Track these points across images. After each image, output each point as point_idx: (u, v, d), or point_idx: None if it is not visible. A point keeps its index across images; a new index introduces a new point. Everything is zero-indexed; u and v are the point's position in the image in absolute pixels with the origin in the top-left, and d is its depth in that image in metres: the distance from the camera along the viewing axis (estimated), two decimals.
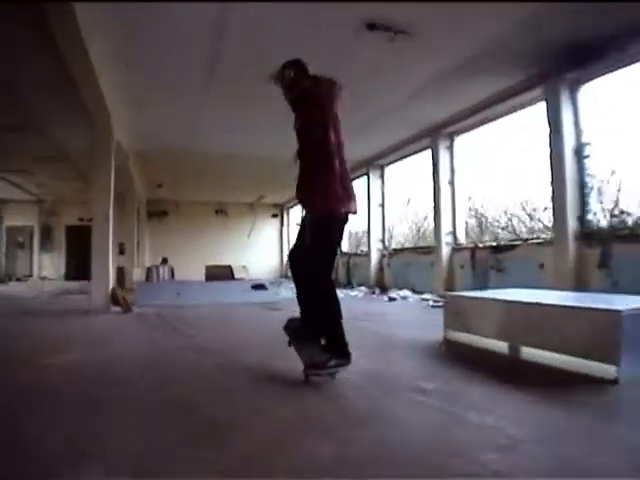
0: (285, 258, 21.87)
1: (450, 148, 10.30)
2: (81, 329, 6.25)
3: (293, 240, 3.73)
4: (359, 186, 13.58)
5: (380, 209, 13.14)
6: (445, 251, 10.02)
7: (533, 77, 7.48)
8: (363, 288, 12.59)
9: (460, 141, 10.24)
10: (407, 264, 11.66)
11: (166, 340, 5.25)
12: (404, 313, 7.83)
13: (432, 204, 10.48)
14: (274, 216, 22.72)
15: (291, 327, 3.48)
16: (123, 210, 14.39)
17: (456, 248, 10.00)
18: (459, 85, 8.11)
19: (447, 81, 7.86)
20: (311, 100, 3.34)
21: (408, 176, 12.79)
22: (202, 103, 8.91)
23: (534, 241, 8.38)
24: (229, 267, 13.21)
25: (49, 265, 20.08)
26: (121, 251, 13.88)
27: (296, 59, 3.54)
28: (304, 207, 3.39)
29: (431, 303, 8.88)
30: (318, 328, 3.34)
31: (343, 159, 3.34)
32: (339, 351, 3.28)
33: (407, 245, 13.08)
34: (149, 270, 13.58)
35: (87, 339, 5.44)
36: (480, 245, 9.48)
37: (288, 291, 10.63)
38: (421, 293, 10.25)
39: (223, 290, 10.06)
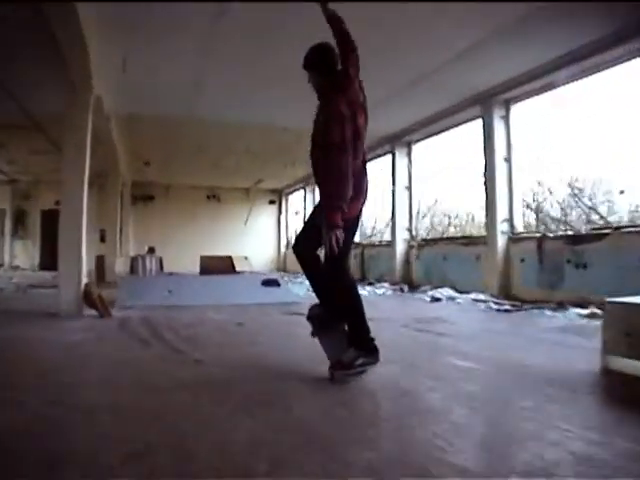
0: (283, 249, 19.92)
1: (506, 118, 8.37)
2: (30, 346, 4.23)
3: (294, 229, 3.64)
4: (381, 165, 11.66)
5: (407, 192, 11.18)
6: (501, 242, 8.17)
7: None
8: (386, 284, 10.66)
9: (518, 110, 8.33)
10: (444, 257, 9.76)
11: (163, 375, 3.25)
12: (469, 320, 6.08)
13: (483, 186, 8.59)
14: (271, 202, 20.78)
15: (314, 315, 3.31)
16: (104, 191, 12.38)
17: (514, 238, 8.12)
18: (520, 42, 6.63)
19: (505, 39, 6.50)
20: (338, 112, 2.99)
21: (441, 155, 10.83)
22: (206, 60, 7.23)
23: (633, 229, 6.49)
24: (229, 258, 11.18)
25: (22, 253, 17.97)
26: (102, 238, 11.88)
27: (328, 48, 3.22)
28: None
29: (494, 306, 6.98)
30: (341, 315, 3.21)
31: (358, 154, 3.09)
32: (366, 347, 3.12)
33: (437, 235, 11.14)
34: (134, 260, 11.49)
35: (28, 370, 3.40)
36: (550, 234, 7.57)
37: (302, 288, 8.75)
38: (467, 292, 8.44)
39: (225, 287, 8.11)
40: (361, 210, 3.26)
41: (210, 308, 6.74)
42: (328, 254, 3.02)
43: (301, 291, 8.78)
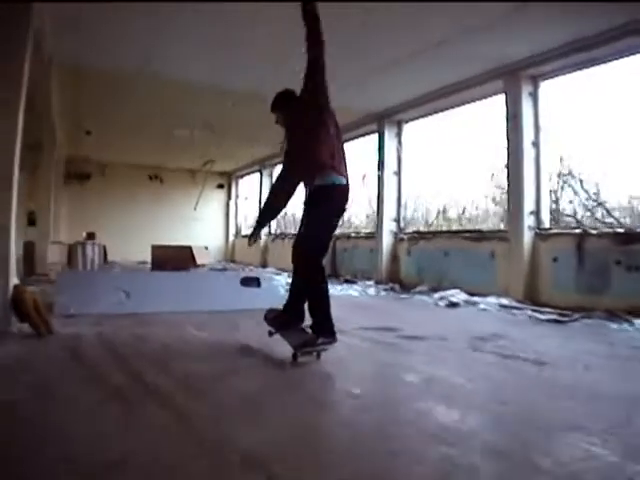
0: (232, 238, 18.12)
1: (534, 96, 7.07)
2: None
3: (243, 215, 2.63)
4: (363, 147, 10.19)
5: (396, 178, 9.73)
6: (527, 238, 6.86)
7: None
8: (369, 282, 9.20)
9: (547, 88, 7.22)
10: (445, 253, 8.42)
11: None
12: (537, 337, 4.69)
13: (505, 173, 7.34)
14: (220, 187, 18.79)
15: (273, 317, 3.80)
16: (35, 166, 10.08)
17: (543, 234, 6.84)
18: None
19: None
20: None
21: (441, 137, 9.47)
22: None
23: None
24: (188, 248, 9.28)
25: None
26: (30, 221, 9.68)
27: (285, 94, 3.87)
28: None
29: (540, 316, 5.68)
30: (300, 316, 3.69)
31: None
32: (327, 330, 3.46)
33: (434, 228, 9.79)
34: (72, 249, 9.31)
35: None
36: (593, 231, 6.35)
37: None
38: (479, 295, 7.19)
39: (195, 287, 6.32)
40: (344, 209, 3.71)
41: (183, 318, 5.06)
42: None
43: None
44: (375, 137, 10.09)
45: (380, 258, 9.64)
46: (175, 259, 8.88)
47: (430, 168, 9.73)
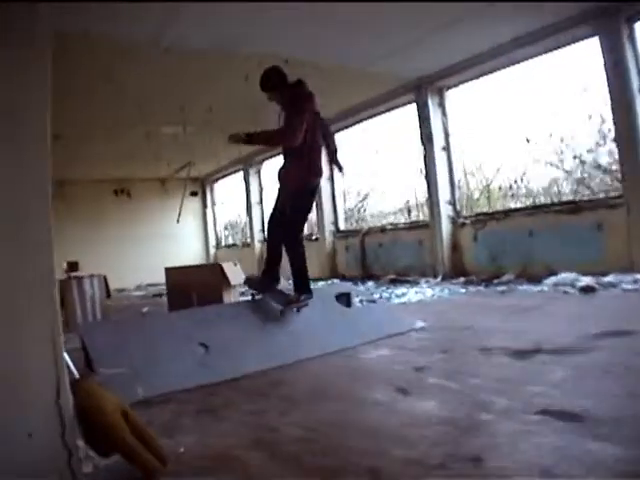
0: (213, 250, 16.66)
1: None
2: None
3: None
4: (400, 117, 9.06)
5: (445, 154, 8.57)
6: None
7: None
8: (430, 280, 8.04)
9: None
10: (530, 232, 7.35)
11: None
12: None
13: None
14: (193, 194, 17.09)
15: (254, 282, 4.75)
16: None
17: None
18: None
19: None
20: (298, 106, 4.18)
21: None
22: None
23: None
24: (217, 267, 7.70)
25: None
26: None
27: (277, 70, 4.36)
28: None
29: None
30: (277, 278, 4.54)
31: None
32: (307, 289, 4.34)
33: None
34: (63, 287, 7.25)
35: None
36: None
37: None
38: (596, 275, 6.15)
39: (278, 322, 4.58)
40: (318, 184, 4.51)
41: (309, 374, 3.50)
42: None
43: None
44: (413, 108, 8.85)
45: (440, 249, 8.44)
46: (201, 283, 7.34)
47: (484, 139, 8.53)
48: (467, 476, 1.71)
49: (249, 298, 4.81)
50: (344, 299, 5.19)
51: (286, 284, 5.27)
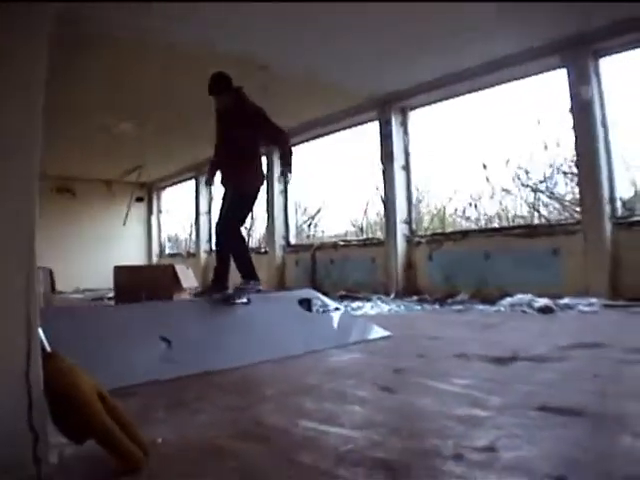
0: (155, 258, 16.20)
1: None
2: None
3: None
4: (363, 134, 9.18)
5: (404, 174, 8.69)
6: (607, 229, 6.17)
7: None
8: (382, 296, 8.07)
9: None
10: (485, 255, 7.51)
11: None
12: None
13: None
14: (139, 200, 16.57)
15: (209, 291, 4.72)
16: None
17: (623, 222, 6.23)
18: None
19: None
20: (260, 110, 4.45)
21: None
22: None
23: None
24: (170, 268, 7.43)
25: None
26: None
27: (225, 74, 4.45)
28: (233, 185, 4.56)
29: None
30: (226, 286, 4.61)
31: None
32: (254, 275, 4.49)
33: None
34: None
35: None
36: None
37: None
38: (552, 297, 6.27)
39: (243, 322, 4.37)
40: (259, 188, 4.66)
41: (269, 379, 3.26)
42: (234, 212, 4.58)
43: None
44: (375, 126, 8.95)
45: (395, 267, 8.48)
46: (151, 284, 7.03)
47: (441, 161, 8.71)
48: (486, 465, 1.63)
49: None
50: (306, 305, 5.11)
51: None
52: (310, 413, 2.29)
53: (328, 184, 10.84)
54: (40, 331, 1.61)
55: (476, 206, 8.60)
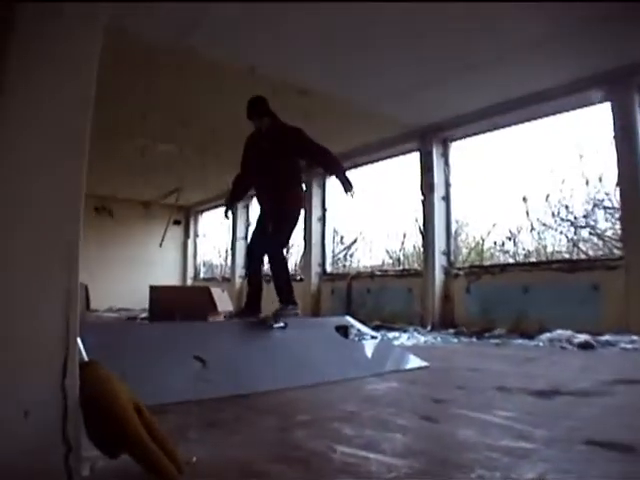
0: (190, 282, 16.33)
1: None
2: None
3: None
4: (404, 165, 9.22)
5: (444, 204, 8.67)
6: None
7: None
8: (419, 329, 7.97)
9: None
10: (524, 289, 7.39)
11: None
12: None
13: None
14: (176, 223, 16.82)
15: (241, 314, 4.89)
16: None
17: None
18: None
19: None
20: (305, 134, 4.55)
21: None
22: None
23: None
24: (205, 290, 7.56)
25: None
26: None
27: (264, 99, 4.69)
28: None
29: None
30: (258, 311, 4.66)
31: None
32: (292, 299, 4.48)
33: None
34: None
35: None
36: None
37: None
38: (592, 334, 6.12)
39: (279, 346, 4.33)
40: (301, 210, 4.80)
41: (306, 404, 3.23)
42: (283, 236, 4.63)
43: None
44: (415, 157, 8.99)
45: (431, 299, 8.39)
46: (186, 305, 7.14)
47: (481, 193, 8.66)
48: None
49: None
50: (342, 331, 5.10)
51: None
52: (349, 439, 2.25)
53: (366, 214, 10.87)
54: (79, 340, 1.58)
55: (515, 240, 8.47)
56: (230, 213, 5.28)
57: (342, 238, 11.65)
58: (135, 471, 1.57)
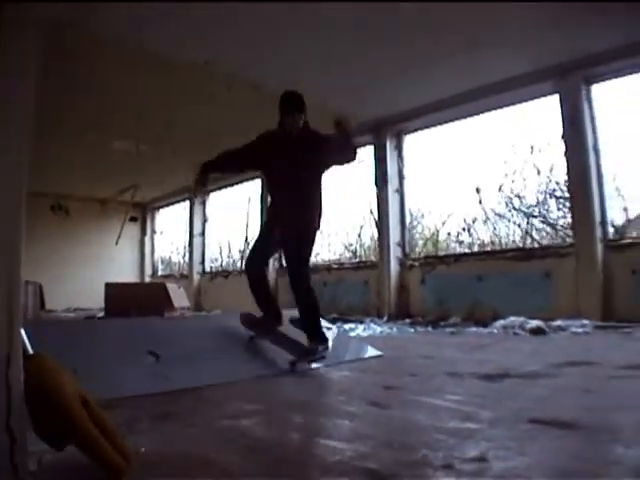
0: (148, 279, 16.09)
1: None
2: None
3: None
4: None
5: (397, 197, 8.74)
6: (599, 250, 6.17)
7: None
8: (376, 319, 8.07)
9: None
10: (478, 278, 7.53)
11: None
12: None
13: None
14: (132, 220, 16.45)
15: (254, 322, 4.04)
16: None
17: (614, 245, 6.21)
18: None
19: None
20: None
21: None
22: None
23: None
24: (161, 286, 7.41)
25: None
26: None
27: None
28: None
29: None
30: (277, 314, 4.08)
31: None
32: (322, 337, 3.75)
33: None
34: None
35: None
36: None
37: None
38: (545, 320, 6.28)
39: (228, 335, 4.27)
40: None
41: (260, 394, 3.30)
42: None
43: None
44: (369, 149, 9.04)
45: (387, 290, 8.47)
46: (142, 301, 7.00)
47: (435, 185, 8.77)
48: (476, 474, 1.61)
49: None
50: (297, 324, 5.07)
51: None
52: (299, 426, 2.30)
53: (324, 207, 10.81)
54: (22, 332, 1.55)
55: (469, 230, 8.61)
56: (203, 183, 4.12)
57: None
58: (82, 463, 1.55)
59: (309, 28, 5.79)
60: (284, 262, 4.27)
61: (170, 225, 16.55)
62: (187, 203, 14.67)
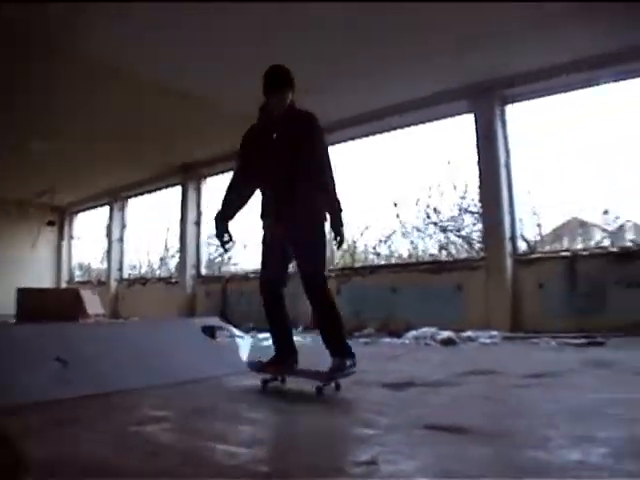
0: (64, 286, 15.32)
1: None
2: None
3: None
4: None
5: None
6: (508, 264, 6.49)
7: None
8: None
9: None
10: (392, 289, 7.75)
11: None
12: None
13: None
14: (50, 224, 15.56)
15: (263, 366, 3.47)
16: None
17: (523, 259, 6.56)
18: None
19: None
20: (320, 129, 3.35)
21: None
22: None
23: None
24: (75, 292, 7.04)
25: None
26: None
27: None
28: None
29: (572, 341, 5.25)
30: (294, 350, 3.52)
31: None
32: (350, 351, 3.22)
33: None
34: None
35: None
36: (584, 252, 6.24)
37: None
38: (456, 331, 6.43)
39: (145, 344, 4.07)
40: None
41: (165, 401, 3.10)
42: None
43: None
44: None
45: (303, 301, 8.42)
46: (55, 307, 6.66)
47: (354, 198, 8.89)
48: (364, 477, 1.62)
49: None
50: (209, 332, 5.08)
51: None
52: (200, 432, 2.27)
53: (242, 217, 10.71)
54: None
55: (387, 243, 8.78)
56: (227, 236, 3.46)
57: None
58: (82, 463, 1.67)
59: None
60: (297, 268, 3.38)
61: (89, 230, 15.86)
62: (106, 208, 14.11)
